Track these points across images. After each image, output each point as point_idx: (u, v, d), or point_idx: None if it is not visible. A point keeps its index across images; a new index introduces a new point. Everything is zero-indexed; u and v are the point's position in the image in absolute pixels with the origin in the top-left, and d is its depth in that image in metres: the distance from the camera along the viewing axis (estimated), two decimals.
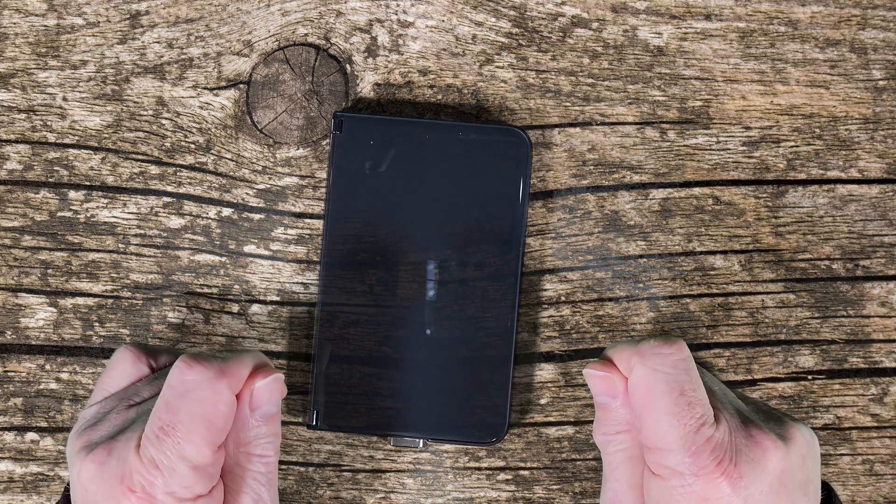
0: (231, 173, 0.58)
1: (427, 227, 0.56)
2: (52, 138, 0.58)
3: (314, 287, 0.58)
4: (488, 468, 0.58)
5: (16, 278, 0.58)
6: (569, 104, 0.59)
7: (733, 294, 0.58)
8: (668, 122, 0.59)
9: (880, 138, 0.59)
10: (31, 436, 0.58)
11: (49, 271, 0.58)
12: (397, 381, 0.56)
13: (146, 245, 0.58)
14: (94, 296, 0.58)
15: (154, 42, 0.58)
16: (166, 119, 0.58)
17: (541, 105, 0.59)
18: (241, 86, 0.58)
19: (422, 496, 0.58)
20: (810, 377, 0.59)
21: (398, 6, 0.58)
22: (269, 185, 0.58)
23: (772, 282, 0.59)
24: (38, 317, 0.58)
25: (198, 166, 0.58)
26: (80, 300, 0.58)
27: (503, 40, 0.59)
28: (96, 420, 0.48)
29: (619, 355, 0.47)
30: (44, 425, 0.58)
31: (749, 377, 0.58)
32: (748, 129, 0.59)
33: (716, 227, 0.59)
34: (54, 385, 0.58)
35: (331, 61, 0.58)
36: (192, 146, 0.58)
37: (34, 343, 0.58)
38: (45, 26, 0.58)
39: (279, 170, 0.58)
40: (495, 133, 0.56)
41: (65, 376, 0.58)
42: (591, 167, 0.59)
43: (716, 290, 0.58)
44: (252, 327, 0.58)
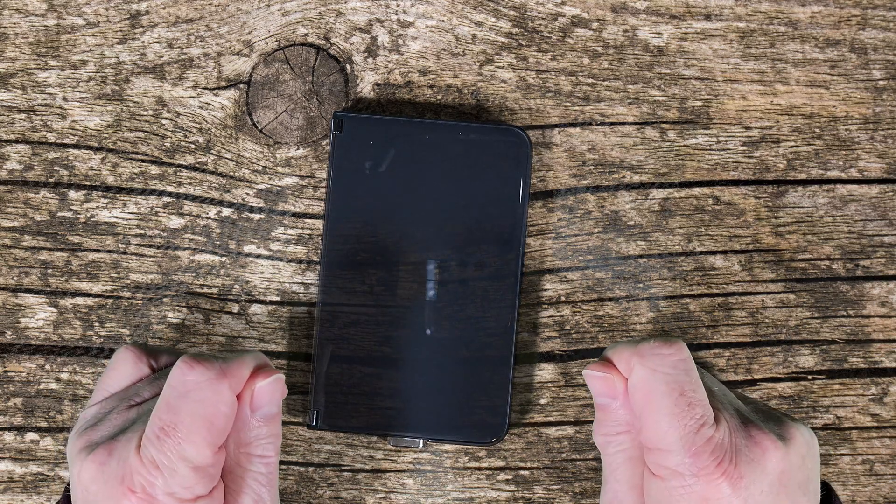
0: (231, 173, 0.58)
1: (427, 227, 0.56)
2: (52, 138, 0.58)
3: (314, 287, 0.58)
4: (488, 468, 0.58)
5: (16, 278, 0.58)
6: (569, 104, 0.59)
7: (733, 294, 0.58)
8: (668, 122, 0.59)
9: (880, 138, 0.59)
10: (31, 436, 0.58)
11: (49, 271, 0.58)
12: (397, 381, 0.56)
13: (146, 245, 0.58)
14: (94, 296, 0.58)
15: (154, 42, 0.58)
16: (166, 119, 0.58)
17: (541, 105, 0.59)
18: (241, 86, 0.58)
19: (422, 496, 0.58)
20: (810, 377, 0.59)
21: (398, 6, 0.58)
22: (269, 185, 0.58)
23: (772, 282, 0.59)
24: (38, 317, 0.58)
25: (198, 166, 0.58)
26: (80, 300, 0.58)
27: (503, 40, 0.59)
28: (97, 420, 0.48)
29: (619, 356, 0.47)
30: (44, 425, 0.58)
31: (749, 377, 0.58)
32: (748, 129, 0.59)
33: (716, 227, 0.59)
34: (54, 385, 0.58)
35: (331, 61, 0.58)
36: (192, 146, 0.58)
37: (34, 343, 0.58)
38: (45, 26, 0.58)
39: (279, 170, 0.58)
40: (495, 133, 0.56)
41: (65, 376, 0.58)
42: (591, 167, 0.59)
43: (716, 290, 0.58)
44: (252, 327, 0.58)
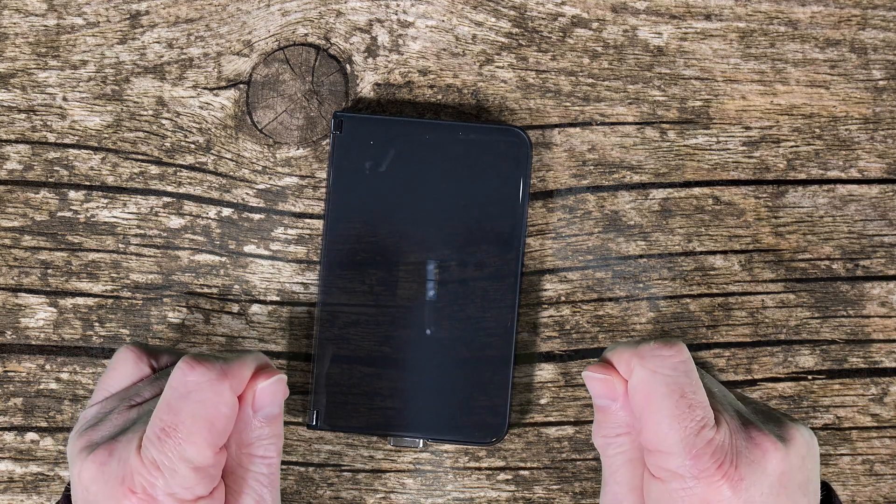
0: (231, 173, 0.58)
1: (427, 227, 0.56)
2: (52, 138, 0.58)
3: (314, 287, 0.58)
4: (488, 468, 0.58)
5: (16, 278, 0.58)
6: (569, 104, 0.59)
7: (733, 294, 0.59)
8: (668, 122, 0.59)
9: (880, 138, 0.59)
10: (31, 436, 0.58)
11: (49, 271, 0.58)
12: (397, 381, 0.56)
13: (146, 245, 0.58)
14: (94, 296, 0.58)
15: (154, 42, 0.58)
16: (166, 119, 0.58)
17: (541, 105, 0.59)
18: (241, 86, 0.58)
19: (422, 496, 0.58)
20: (810, 377, 0.59)
21: (398, 6, 0.58)
22: (269, 185, 0.58)
23: (772, 282, 0.59)
24: (38, 317, 0.58)
25: (198, 166, 0.58)
26: (80, 300, 0.58)
27: (503, 40, 0.59)
28: (97, 420, 0.48)
29: (619, 357, 0.47)
30: (44, 425, 0.58)
31: (749, 377, 0.58)
32: (748, 129, 0.59)
33: (716, 227, 0.59)
34: (54, 385, 0.58)
35: (331, 61, 0.58)
36: (192, 146, 0.58)
37: (34, 343, 0.58)
38: (45, 26, 0.58)
39: (279, 170, 0.58)
40: (495, 133, 0.56)
41: (65, 376, 0.58)
42: (591, 167, 0.59)
43: (716, 290, 0.58)
44: (252, 327, 0.58)
